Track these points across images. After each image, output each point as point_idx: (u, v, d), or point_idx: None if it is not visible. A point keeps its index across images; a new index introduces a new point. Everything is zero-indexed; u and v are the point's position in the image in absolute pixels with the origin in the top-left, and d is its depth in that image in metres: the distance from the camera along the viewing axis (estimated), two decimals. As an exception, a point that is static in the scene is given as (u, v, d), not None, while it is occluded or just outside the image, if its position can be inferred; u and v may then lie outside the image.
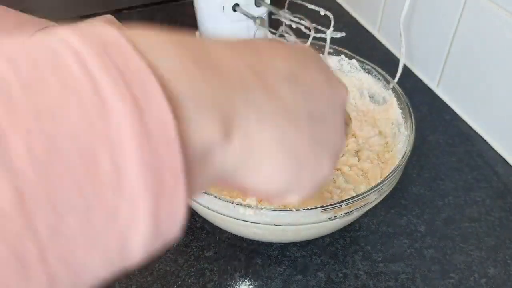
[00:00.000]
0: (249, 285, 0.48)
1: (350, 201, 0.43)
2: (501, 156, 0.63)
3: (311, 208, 0.42)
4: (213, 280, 0.49)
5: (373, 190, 0.44)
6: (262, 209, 0.42)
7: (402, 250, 0.52)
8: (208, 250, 0.52)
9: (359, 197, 0.44)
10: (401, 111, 0.56)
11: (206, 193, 0.43)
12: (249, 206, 0.42)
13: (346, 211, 0.44)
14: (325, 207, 0.42)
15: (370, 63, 0.61)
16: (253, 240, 0.52)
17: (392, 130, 0.58)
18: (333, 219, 0.44)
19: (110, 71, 0.16)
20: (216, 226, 0.52)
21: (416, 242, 0.52)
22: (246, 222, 0.44)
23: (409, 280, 0.49)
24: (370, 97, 0.62)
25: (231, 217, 0.44)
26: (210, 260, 0.51)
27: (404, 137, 0.53)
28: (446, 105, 0.71)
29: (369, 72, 0.61)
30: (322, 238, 0.52)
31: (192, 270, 0.50)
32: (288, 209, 0.42)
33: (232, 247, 0.52)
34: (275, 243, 0.52)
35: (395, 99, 0.57)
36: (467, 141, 0.65)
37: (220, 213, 0.44)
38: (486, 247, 0.52)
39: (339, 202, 0.43)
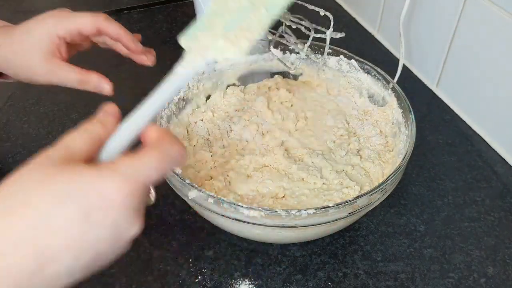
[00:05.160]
0: (249, 284, 0.49)
1: (353, 201, 0.43)
2: (500, 156, 0.63)
3: (317, 209, 0.42)
4: (213, 280, 0.49)
5: (377, 190, 0.44)
6: (268, 211, 0.42)
7: (401, 250, 0.52)
8: (208, 250, 0.52)
9: (363, 197, 0.44)
10: (401, 110, 0.56)
11: (210, 196, 0.43)
12: (253, 209, 0.42)
13: (350, 211, 0.44)
14: (328, 208, 0.42)
15: (369, 63, 0.61)
16: (253, 240, 0.52)
17: (392, 130, 0.58)
18: (337, 220, 0.44)
19: None
20: (216, 226, 0.52)
21: (415, 242, 0.53)
22: (251, 224, 0.44)
23: (409, 279, 0.49)
24: (369, 97, 0.62)
25: (235, 220, 0.44)
26: (210, 260, 0.51)
27: (405, 137, 0.53)
28: (446, 105, 0.71)
29: (368, 72, 0.61)
30: (322, 238, 0.53)
31: (192, 270, 0.50)
32: (293, 211, 0.42)
33: (232, 247, 0.52)
34: (275, 243, 0.52)
35: (395, 99, 0.57)
36: (466, 141, 0.65)
37: (223, 215, 0.44)
38: (485, 246, 0.52)
39: (343, 203, 0.43)
